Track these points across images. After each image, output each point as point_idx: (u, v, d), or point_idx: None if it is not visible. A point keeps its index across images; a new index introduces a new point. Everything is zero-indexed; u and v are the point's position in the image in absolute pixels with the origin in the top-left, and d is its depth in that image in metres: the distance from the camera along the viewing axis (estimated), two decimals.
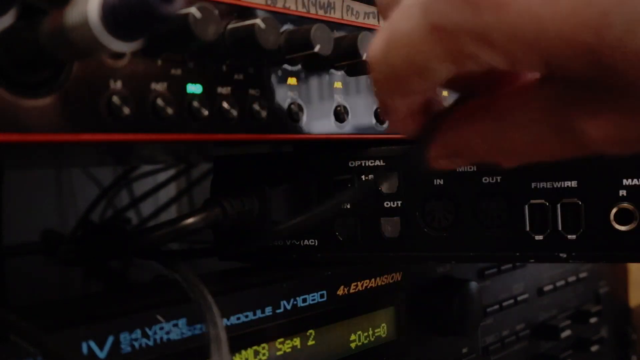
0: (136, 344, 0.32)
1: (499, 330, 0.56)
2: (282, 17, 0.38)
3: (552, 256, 0.38)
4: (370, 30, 0.42)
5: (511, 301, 0.57)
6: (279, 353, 0.38)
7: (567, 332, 0.63)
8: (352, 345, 0.43)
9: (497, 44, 0.26)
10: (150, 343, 0.32)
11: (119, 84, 0.31)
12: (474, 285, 0.49)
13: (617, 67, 0.25)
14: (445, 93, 0.43)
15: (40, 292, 0.50)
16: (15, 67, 0.27)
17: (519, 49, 0.26)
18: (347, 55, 0.40)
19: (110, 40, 0.23)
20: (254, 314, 0.37)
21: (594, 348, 0.67)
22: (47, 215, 0.91)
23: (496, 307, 0.55)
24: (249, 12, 0.36)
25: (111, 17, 0.23)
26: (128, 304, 0.34)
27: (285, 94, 0.39)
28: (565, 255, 0.38)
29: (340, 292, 0.42)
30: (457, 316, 0.48)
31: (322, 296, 0.41)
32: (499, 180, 0.39)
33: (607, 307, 0.72)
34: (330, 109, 0.41)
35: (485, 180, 0.39)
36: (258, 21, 0.34)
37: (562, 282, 0.65)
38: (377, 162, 0.42)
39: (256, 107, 0.36)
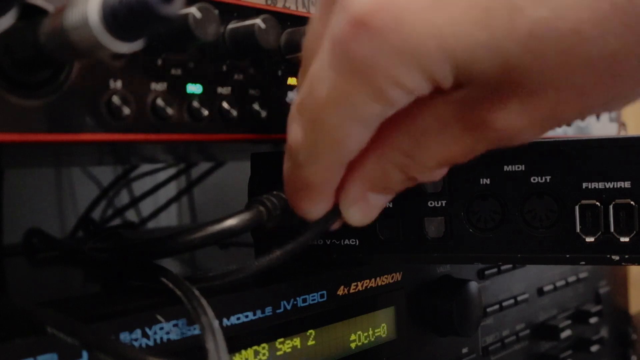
0: (136, 344, 0.32)
1: (499, 330, 0.56)
2: (282, 17, 0.38)
3: (603, 258, 0.37)
4: None
5: (511, 301, 0.57)
6: (279, 353, 0.38)
7: (567, 332, 0.63)
8: (352, 345, 0.43)
9: (409, 63, 0.27)
10: (150, 343, 0.32)
11: (119, 84, 0.31)
12: (474, 285, 0.49)
13: (511, 56, 0.26)
14: None
15: (40, 291, 0.50)
16: (15, 67, 0.27)
17: (429, 62, 0.27)
18: None
19: (110, 41, 0.23)
20: (254, 314, 0.37)
21: (594, 348, 0.67)
22: (47, 215, 0.91)
23: (496, 307, 0.55)
24: (249, 12, 0.36)
25: (111, 18, 0.23)
26: (128, 304, 0.34)
27: (285, 94, 0.39)
28: (617, 258, 0.37)
29: (340, 292, 0.42)
30: (457, 316, 0.48)
31: (322, 296, 0.41)
32: (548, 180, 0.38)
33: (607, 307, 0.72)
34: None
35: (534, 179, 0.38)
36: (258, 21, 0.34)
37: (562, 282, 0.65)
38: None
39: (256, 107, 0.36)
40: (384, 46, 0.26)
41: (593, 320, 0.68)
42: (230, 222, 0.35)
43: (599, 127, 0.72)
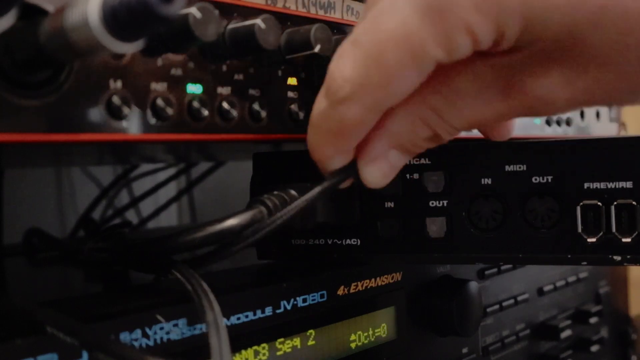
0: (136, 344, 0.32)
1: (499, 330, 0.56)
2: (282, 17, 0.38)
3: (605, 259, 0.37)
4: None
5: (511, 301, 0.57)
6: (279, 353, 0.38)
7: (567, 332, 0.63)
8: (352, 345, 0.43)
9: (487, 11, 0.27)
10: (150, 343, 0.32)
11: (119, 84, 0.31)
12: (474, 285, 0.49)
13: (577, 24, 0.27)
14: None
15: (40, 292, 0.50)
16: (15, 67, 0.27)
17: (506, 13, 0.27)
18: None
19: (110, 41, 0.23)
20: (254, 314, 0.37)
21: (594, 348, 0.68)
22: (47, 215, 0.91)
23: (496, 307, 0.55)
24: (249, 12, 0.36)
25: (111, 18, 0.23)
26: (128, 304, 0.34)
27: (285, 94, 0.39)
28: (619, 258, 0.37)
29: (340, 292, 0.42)
30: (457, 316, 0.48)
31: (322, 296, 0.41)
32: (549, 180, 0.38)
33: (607, 307, 0.72)
34: None
35: (535, 179, 0.38)
36: (258, 21, 0.34)
37: (562, 282, 0.65)
38: (423, 160, 0.41)
39: (256, 107, 0.36)
40: None
41: (593, 320, 0.68)
42: (231, 221, 0.35)
43: (599, 127, 0.72)
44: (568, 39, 0.27)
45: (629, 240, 0.36)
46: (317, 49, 0.37)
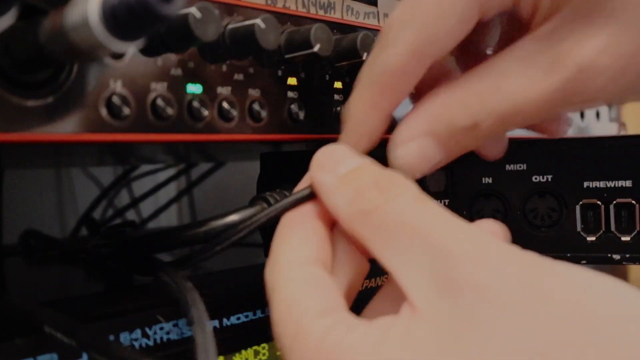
0: (136, 344, 0.32)
1: None
2: (282, 17, 0.38)
3: (604, 258, 0.37)
4: (370, 30, 0.42)
5: None
6: (279, 353, 0.38)
7: None
8: None
9: None
10: (150, 343, 0.32)
11: (119, 84, 0.31)
12: None
13: None
14: None
15: (40, 292, 0.50)
16: (15, 67, 0.27)
17: None
18: (347, 55, 0.40)
19: (110, 41, 0.23)
20: (254, 314, 0.37)
21: None
22: (47, 215, 0.91)
23: None
24: (249, 12, 0.36)
25: (111, 17, 0.23)
26: (128, 304, 0.34)
27: (285, 94, 0.39)
28: (618, 257, 0.37)
29: None
30: None
31: None
32: (549, 179, 0.38)
33: None
34: (330, 108, 0.41)
35: (536, 178, 0.38)
36: (258, 21, 0.34)
37: None
38: None
39: (256, 107, 0.37)
40: None
41: None
42: (233, 217, 0.35)
43: (599, 127, 0.72)
44: None
45: (628, 239, 0.37)
46: (316, 48, 0.37)
